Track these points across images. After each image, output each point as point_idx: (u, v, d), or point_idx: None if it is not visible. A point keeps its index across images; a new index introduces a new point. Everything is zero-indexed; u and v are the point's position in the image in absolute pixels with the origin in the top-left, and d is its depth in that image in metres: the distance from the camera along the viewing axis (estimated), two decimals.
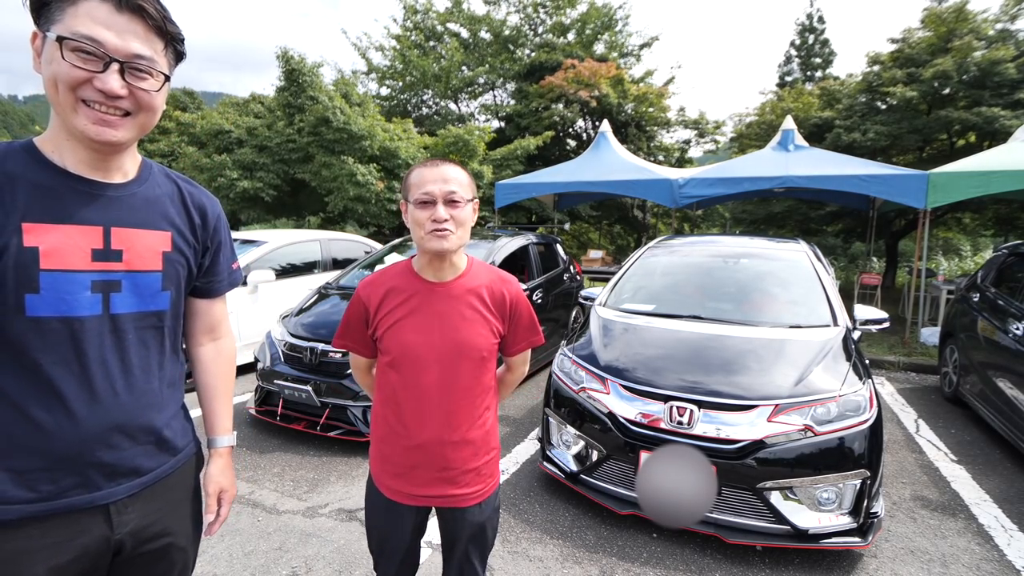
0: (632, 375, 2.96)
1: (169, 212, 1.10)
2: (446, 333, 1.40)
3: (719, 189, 7.94)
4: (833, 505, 2.53)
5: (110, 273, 1.00)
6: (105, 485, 1.01)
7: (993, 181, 6.18)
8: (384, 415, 1.47)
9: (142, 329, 1.06)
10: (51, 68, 0.90)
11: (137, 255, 1.04)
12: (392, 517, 1.48)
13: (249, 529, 2.80)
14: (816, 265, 3.91)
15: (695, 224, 18.82)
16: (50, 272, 0.93)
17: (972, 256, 18.86)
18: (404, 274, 1.46)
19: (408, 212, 1.39)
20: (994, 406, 4.00)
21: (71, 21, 0.89)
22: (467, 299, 1.44)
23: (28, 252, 0.91)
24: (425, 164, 1.39)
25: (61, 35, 0.88)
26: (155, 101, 0.99)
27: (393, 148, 10.51)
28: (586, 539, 2.79)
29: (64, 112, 0.93)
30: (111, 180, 1.02)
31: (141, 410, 1.06)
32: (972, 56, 10.16)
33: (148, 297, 1.06)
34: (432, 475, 1.44)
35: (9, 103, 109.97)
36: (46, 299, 0.93)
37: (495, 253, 5.08)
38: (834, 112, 12.43)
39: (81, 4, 0.89)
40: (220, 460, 1.27)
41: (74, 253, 0.96)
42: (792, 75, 24.26)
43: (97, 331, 0.99)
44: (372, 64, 17.12)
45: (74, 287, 0.96)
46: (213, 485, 1.25)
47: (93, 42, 0.89)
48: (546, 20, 17.61)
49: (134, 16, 0.92)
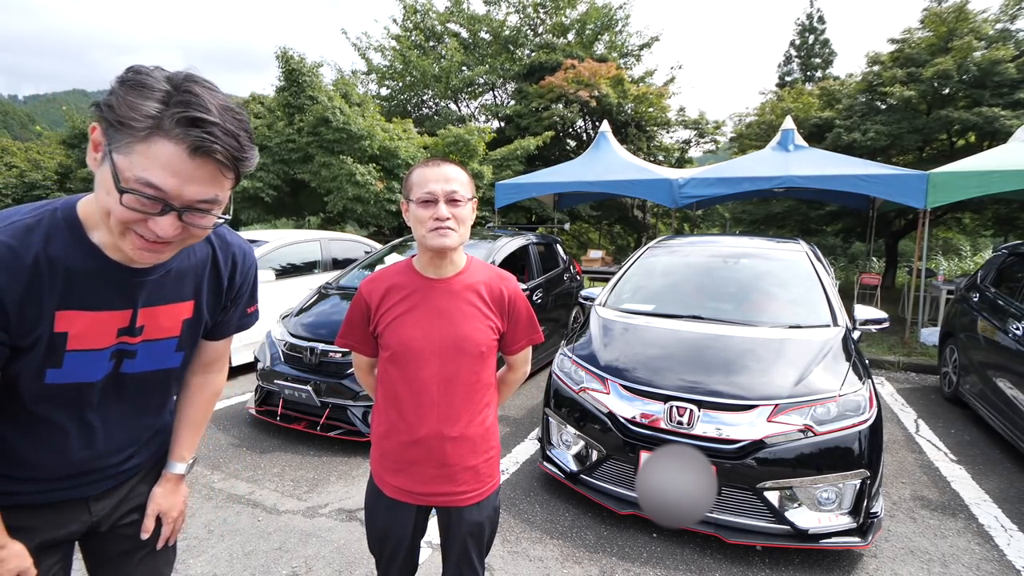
0: (632, 375, 2.96)
1: (198, 281, 1.11)
2: (445, 328, 1.42)
3: (719, 189, 7.94)
4: (833, 505, 2.53)
5: (129, 345, 1.05)
6: (87, 486, 1.12)
7: (993, 181, 6.18)
8: (385, 411, 1.48)
9: (149, 382, 1.12)
10: (107, 199, 0.86)
11: (157, 327, 1.07)
12: (392, 516, 1.49)
13: (249, 529, 2.80)
14: (816, 265, 3.91)
15: (695, 224, 18.82)
16: (75, 352, 0.97)
17: (972, 256, 18.85)
18: (405, 272, 1.48)
19: (410, 211, 1.41)
20: (994, 406, 4.00)
21: (138, 162, 0.83)
22: (466, 295, 1.46)
23: (57, 336, 0.94)
24: (427, 164, 1.41)
25: (123, 188, 0.83)
26: (207, 231, 0.96)
27: (393, 148, 10.51)
28: (586, 539, 2.79)
29: (111, 232, 0.91)
30: (147, 265, 1.00)
31: (135, 438, 1.17)
32: (972, 56, 10.16)
33: (160, 358, 1.11)
34: (431, 471, 1.44)
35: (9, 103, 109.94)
36: (66, 372, 0.98)
37: (495, 253, 5.08)
38: (834, 112, 12.43)
39: (153, 145, 0.82)
40: (168, 484, 1.26)
41: (101, 335, 0.99)
42: (792, 75, 24.28)
43: (102, 387, 1.05)
44: (372, 64, 17.13)
45: (95, 361, 1.01)
46: (153, 506, 1.24)
47: (155, 190, 0.84)
48: (546, 20, 17.62)
49: (207, 161, 0.85)
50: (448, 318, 1.43)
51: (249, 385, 5.05)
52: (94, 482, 1.12)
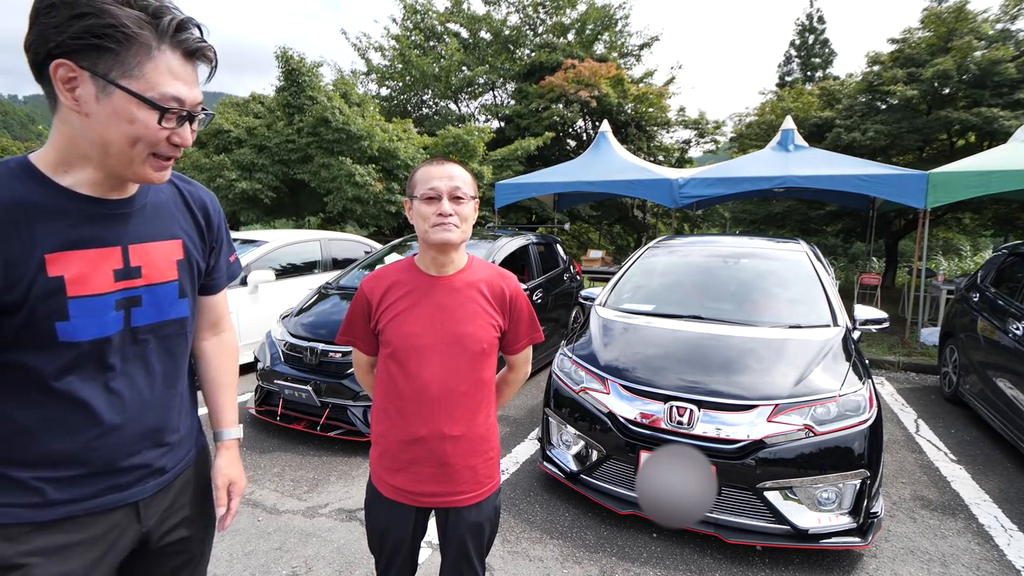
0: (632, 375, 2.96)
1: (177, 218, 1.10)
2: (447, 325, 1.42)
3: (719, 189, 7.94)
4: (833, 505, 2.53)
5: (131, 290, 1.01)
6: (135, 485, 1.06)
7: (993, 181, 6.18)
8: (385, 409, 1.47)
9: (165, 338, 1.08)
10: (132, 129, 0.86)
11: (155, 268, 1.04)
12: (392, 517, 1.48)
13: (249, 529, 2.80)
14: (816, 265, 3.92)
15: (695, 224, 18.82)
16: (78, 299, 0.93)
17: (972, 256, 18.86)
18: (407, 269, 1.49)
19: (413, 208, 1.43)
20: (994, 406, 4.00)
21: (156, 79, 0.85)
22: (468, 292, 1.46)
23: (54, 282, 0.90)
24: (431, 163, 1.43)
25: (164, 107, 0.86)
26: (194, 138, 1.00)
27: (392, 149, 10.50)
28: (586, 539, 2.79)
29: (128, 163, 0.91)
30: (120, 196, 0.99)
31: (166, 414, 1.11)
32: (972, 56, 10.16)
33: (167, 307, 1.08)
34: (430, 471, 1.43)
35: (9, 103, 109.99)
36: (76, 325, 0.93)
37: (495, 253, 5.08)
38: (834, 112, 12.43)
39: (159, 57, 0.85)
40: (228, 452, 1.27)
41: (98, 277, 0.96)
42: (792, 75, 24.28)
43: (119, 345, 1.00)
44: (372, 64, 17.12)
45: (101, 310, 0.96)
46: (222, 478, 1.25)
47: (179, 102, 0.88)
48: (546, 20, 17.60)
49: (198, 63, 0.92)
50: (450, 315, 1.42)
51: (249, 385, 5.05)
52: (140, 479, 1.06)
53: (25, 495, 0.94)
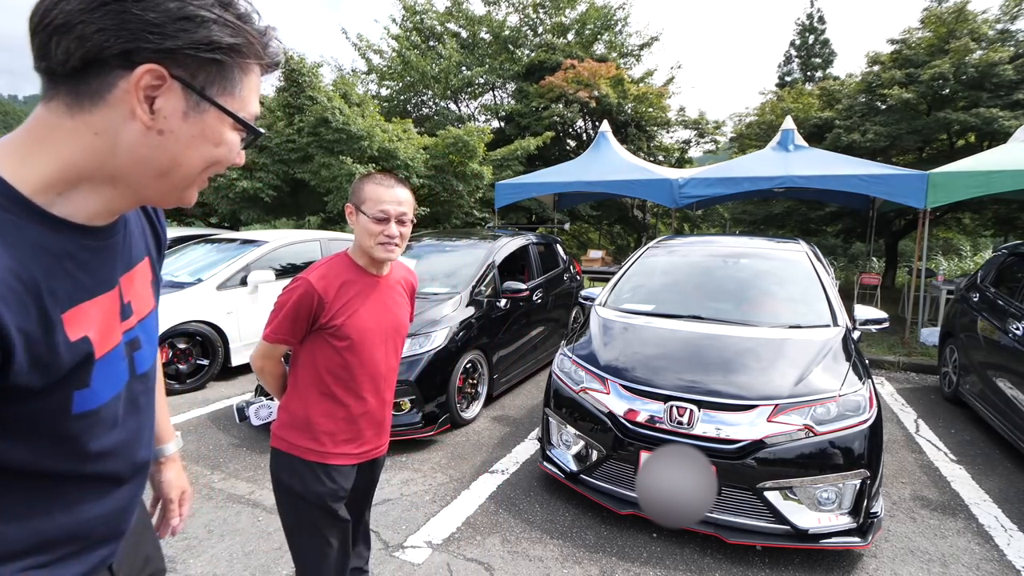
0: (632, 375, 2.96)
1: (140, 230, 0.90)
2: (388, 317, 1.70)
3: (719, 189, 7.95)
4: (833, 505, 2.53)
5: (131, 331, 0.84)
6: (114, 546, 0.91)
7: (993, 181, 6.19)
8: (331, 394, 1.65)
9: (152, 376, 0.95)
10: (216, 152, 0.72)
11: (140, 299, 0.87)
12: (342, 477, 1.71)
13: (249, 529, 2.80)
14: (816, 265, 3.92)
15: (695, 224, 18.83)
16: (102, 358, 0.75)
17: (972, 256, 18.85)
18: (351, 268, 1.66)
19: (357, 219, 1.60)
20: (994, 406, 4.00)
21: (247, 97, 0.73)
22: (397, 289, 1.76)
23: (80, 345, 0.70)
24: (380, 182, 1.60)
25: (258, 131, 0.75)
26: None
27: (392, 149, 10.50)
28: (586, 539, 2.79)
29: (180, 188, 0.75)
30: (108, 222, 0.78)
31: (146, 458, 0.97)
32: (970, 57, 10.16)
33: (154, 340, 0.93)
34: (372, 432, 1.74)
35: (9, 103, 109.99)
36: (95, 390, 0.75)
37: (495, 253, 5.08)
38: (834, 112, 12.44)
39: (252, 72, 0.73)
40: (175, 465, 1.22)
41: (113, 326, 0.78)
42: (792, 75, 24.30)
43: (128, 400, 0.84)
44: (372, 64, 17.12)
45: (116, 364, 0.79)
46: (175, 491, 1.19)
47: (255, 121, 0.75)
48: (546, 20, 17.60)
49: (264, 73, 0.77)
50: (389, 308, 1.70)
51: (249, 385, 5.05)
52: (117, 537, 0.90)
53: None
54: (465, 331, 4.22)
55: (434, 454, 3.76)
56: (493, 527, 2.89)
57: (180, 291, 5.01)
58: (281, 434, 1.70)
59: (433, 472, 3.49)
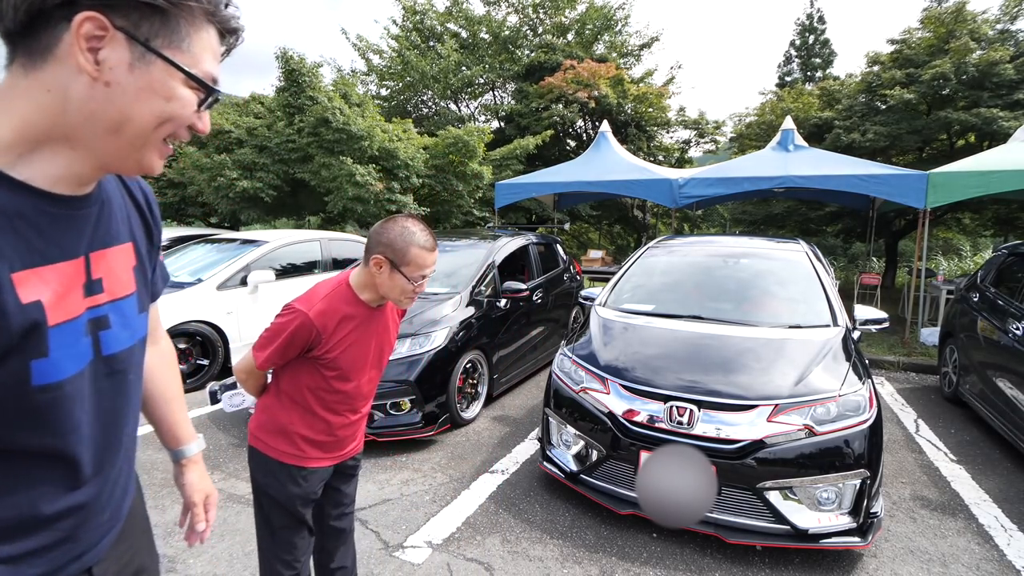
0: (632, 375, 2.96)
1: (126, 216, 0.90)
2: (380, 345, 1.74)
3: (719, 189, 7.95)
4: (833, 505, 2.53)
5: (97, 308, 0.81)
6: (92, 546, 0.89)
7: (993, 181, 6.18)
8: (312, 412, 1.67)
9: (134, 364, 0.91)
10: (166, 107, 0.71)
11: (116, 279, 0.85)
12: (320, 478, 1.75)
13: (249, 529, 2.79)
14: (816, 265, 3.92)
15: (695, 224, 18.84)
16: (57, 327, 0.73)
17: (972, 256, 18.86)
18: (353, 303, 1.64)
19: (392, 274, 1.56)
20: (994, 406, 4.00)
21: (200, 55, 0.72)
22: (390, 315, 1.78)
23: (31, 309, 0.69)
24: (423, 245, 1.56)
25: (213, 88, 0.74)
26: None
27: (392, 149, 10.50)
28: (586, 539, 2.79)
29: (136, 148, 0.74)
30: (81, 192, 0.77)
31: (131, 456, 0.97)
32: (970, 57, 10.16)
33: (130, 325, 0.89)
34: (352, 437, 1.79)
35: None
36: (53, 362, 0.73)
37: (495, 253, 5.08)
38: (834, 112, 12.43)
39: (203, 31, 0.72)
40: (198, 467, 1.21)
41: (71, 297, 0.76)
42: (792, 75, 24.30)
43: (93, 382, 0.81)
44: (371, 64, 17.13)
45: (75, 337, 0.77)
46: (198, 494, 1.19)
47: (214, 83, 0.75)
48: (545, 20, 17.60)
49: (224, 40, 0.78)
50: (382, 336, 1.74)
51: None
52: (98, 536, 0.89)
53: None
54: (465, 331, 4.22)
55: (434, 454, 3.76)
56: (493, 527, 2.89)
57: (180, 291, 5.01)
58: (259, 435, 1.69)
59: (433, 472, 3.49)
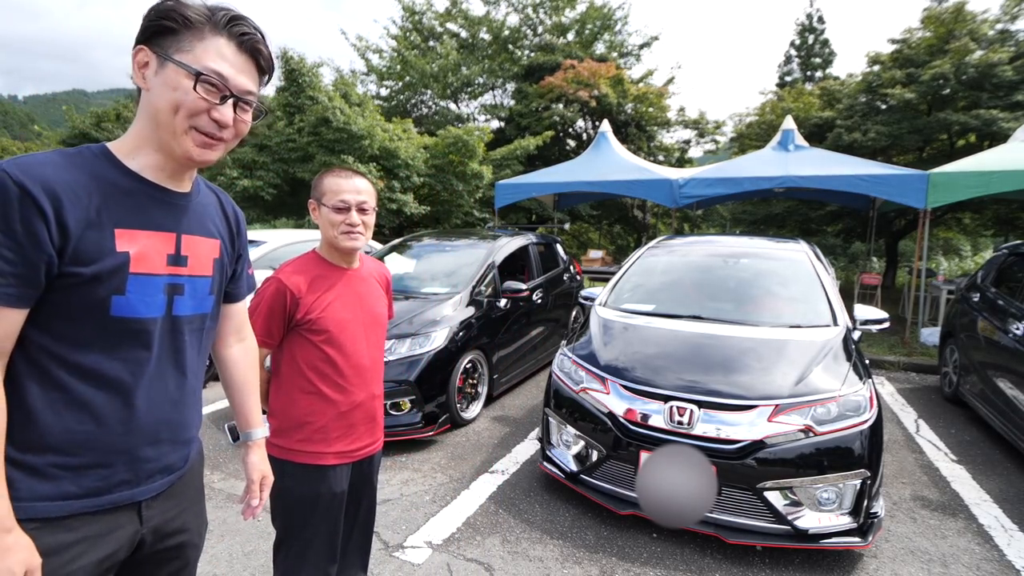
0: (632, 375, 2.96)
1: (216, 221, 1.19)
2: (366, 309, 1.72)
3: (719, 189, 7.94)
4: (833, 505, 2.53)
5: (177, 277, 1.07)
6: (143, 482, 1.07)
7: (993, 181, 6.18)
8: (316, 391, 1.65)
9: (194, 331, 1.14)
10: (175, 95, 0.96)
11: (199, 261, 1.11)
12: (334, 479, 1.69)
13: (249, 529, 2.80)
14: (816, 265, 3.91)
15: (695, 224, 18.83)
16: (137, 276, 0.99)
17: (972, 256, 18.86)
18: (320, 264, 1.69)
19: (320, 212, 1.64)
20: (994, 406, 4.00)
21: (202, 55, 0.97)
22: (370, 282, 1.77)
23: (121, 256, 0.96)
24: (338, 174, 1.64)
25: (199, 71, 0.96)
26: (246, 130, 1.09)
27: (393, 148, 10.51)
28: (586, 539, 2.78)
29: (172, 134, 0.99)
30: (181, 189, 1.09)
31: (186, 410, 1.15)
32: (970, 58, 10.16)
33: (200, 299, 1.13)
34: (365, 427, 1.74)
35: (9, 103, 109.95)
36: (130, 300, 0.98)
37: (495, 253, 5.08)
38: (834, 112, 12.43)
39: (209, 40, 0.98)
40: (259, 450, 1.41)
41: (156, 258, 1.02)
42: (792, 75, 24.26)
43: (160, 332, 1.05)
44: (371, 64, 17.13)
45: (153, 290, 1.02)
46: (256, 472, 1.38)
47: (220, 77, 0.98)
48: (545, 20, 17.60)
49: (250, 58, 1.03)
50: (365, 300, 1.72)
51: None
52: (148, 476, 1.07)
53: (40, 483, 0.93)
54: (465, 331, 4.22)
55: (434, 454, 3.76)
56: (493, 527, 2.89)
57: None
58: (274, 440, 1.68)
59: (433, 472, 3.49)
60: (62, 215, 0.89)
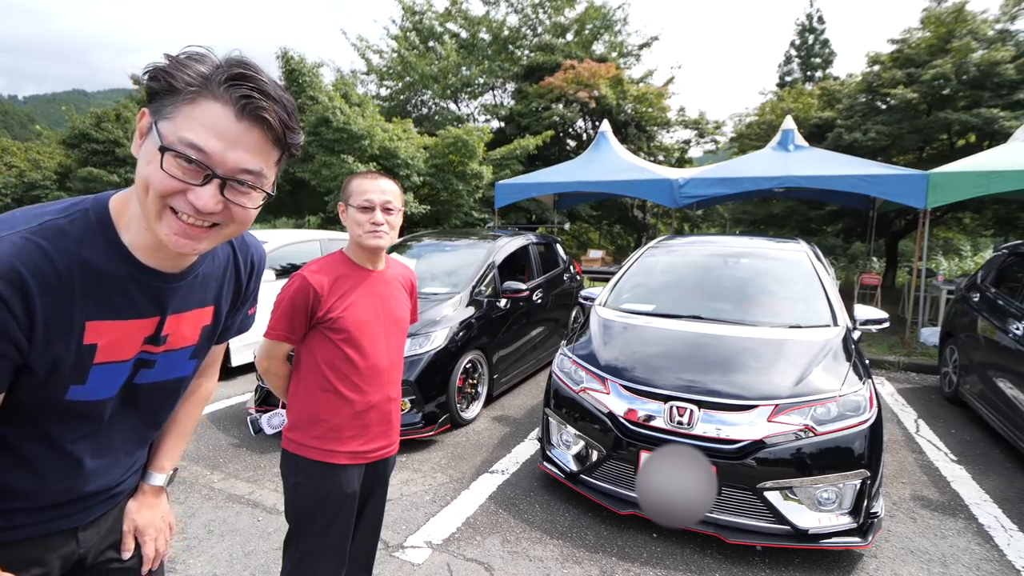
0: (632, 375, 2.96)
1: (218, 286, 1.06)
2: (387, 311, 1.73)
3: (719, 189, 7.94)
4: (833, 505, 2.53)
5: (150, 354, 0.97)
6: (81, 512, 1.01)
7: (993, 181, 6.18)
8: (333, 389, 1.65)
9: (159, 392, 1.05)
10: (147, 170, 0.80)
11: (181, 336, 1.01)
12: (345, 479, 1.68)
13: (249, 529, 2.80)
14: (816, 265, 3.91)
15: (695, 224, 18.82)
16: (101, 365, 0.90)
17: (972, 256, 18.85)
18: (345, 263, 1.70)
19: (348, 214, 1.67)
20: (994, 406, 4.00)
21: (182, 123, 0.78)
22: (395, 284, 1.79)
23: (86, 349, 0.87)
24: (365, 176, 1.68)
25: (164, 146, 0.77)
26: (250, 216, 0.88)
27: (393, 148, 10.52)
28: (586, 539, 2.79)
29: (147, 215, 0.83)
30: (177, 270, 0.94)
31: (138, 450, 1.10)
32: (970, 57, 10.16)
33: (175, 367, 1.04)
34: (379, 429, 1.73)
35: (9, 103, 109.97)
36: (89, 388, 0.90)
37: (495, 253, 5.08)
38: (834, 112, 12.43)
39: (200, 105, 0.78)
40: (144, 497, 1.15)
41: (128, 344, 0.93)
42: (792, 75, 24.26)
43: (116, 402, 0.97)
44: (371, 65, 17.13)
45: (117, 374, 0.94)
46: (128, 522, 1.12)
47: (198, 152, 0.78)
48: (545, 20, 17.60)
49: (253, 125, 0.80)
50: (387, 302, 1.73)
51: (249, 385, 5.05)
52: (87, 508, 1.02)
53: None
54: (465, 331, 4.22)
55: (434, 454, 3.76)
56: (493, 527, 2.89)
57: None
58: (289, 435, 1.69)
59: (433, 472, 3.49)
60: (33, 316, 0.79)
